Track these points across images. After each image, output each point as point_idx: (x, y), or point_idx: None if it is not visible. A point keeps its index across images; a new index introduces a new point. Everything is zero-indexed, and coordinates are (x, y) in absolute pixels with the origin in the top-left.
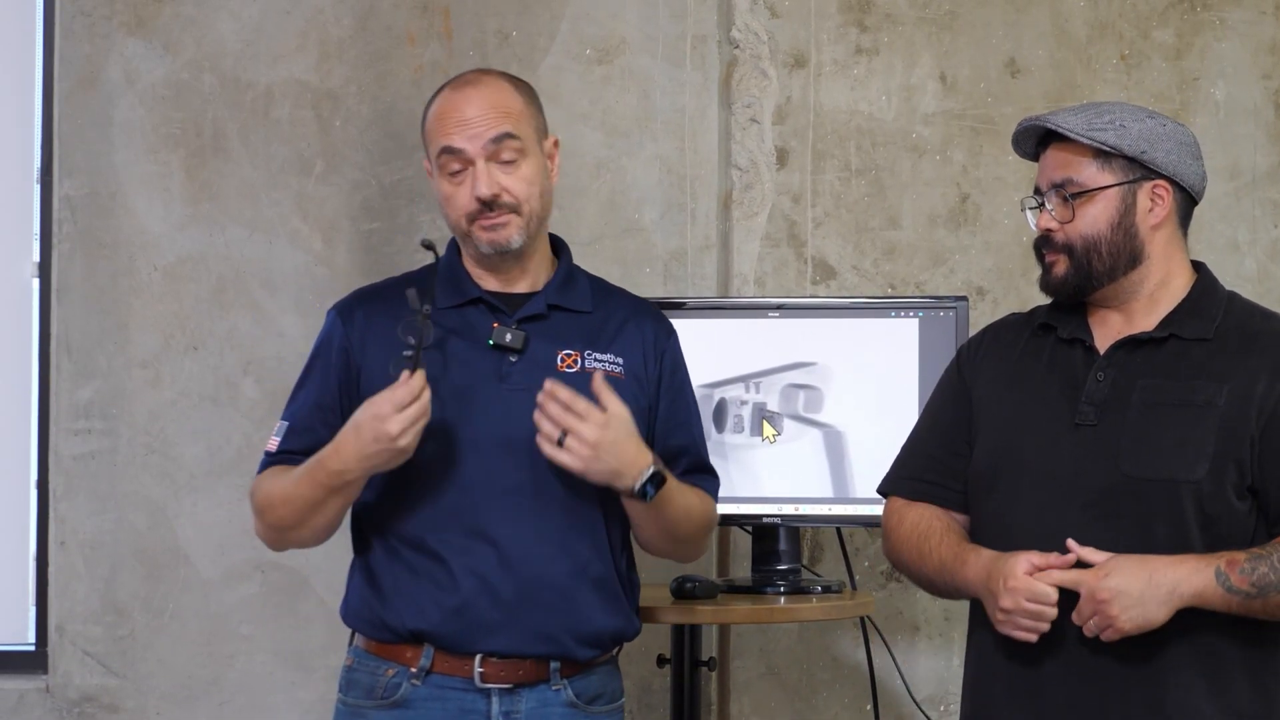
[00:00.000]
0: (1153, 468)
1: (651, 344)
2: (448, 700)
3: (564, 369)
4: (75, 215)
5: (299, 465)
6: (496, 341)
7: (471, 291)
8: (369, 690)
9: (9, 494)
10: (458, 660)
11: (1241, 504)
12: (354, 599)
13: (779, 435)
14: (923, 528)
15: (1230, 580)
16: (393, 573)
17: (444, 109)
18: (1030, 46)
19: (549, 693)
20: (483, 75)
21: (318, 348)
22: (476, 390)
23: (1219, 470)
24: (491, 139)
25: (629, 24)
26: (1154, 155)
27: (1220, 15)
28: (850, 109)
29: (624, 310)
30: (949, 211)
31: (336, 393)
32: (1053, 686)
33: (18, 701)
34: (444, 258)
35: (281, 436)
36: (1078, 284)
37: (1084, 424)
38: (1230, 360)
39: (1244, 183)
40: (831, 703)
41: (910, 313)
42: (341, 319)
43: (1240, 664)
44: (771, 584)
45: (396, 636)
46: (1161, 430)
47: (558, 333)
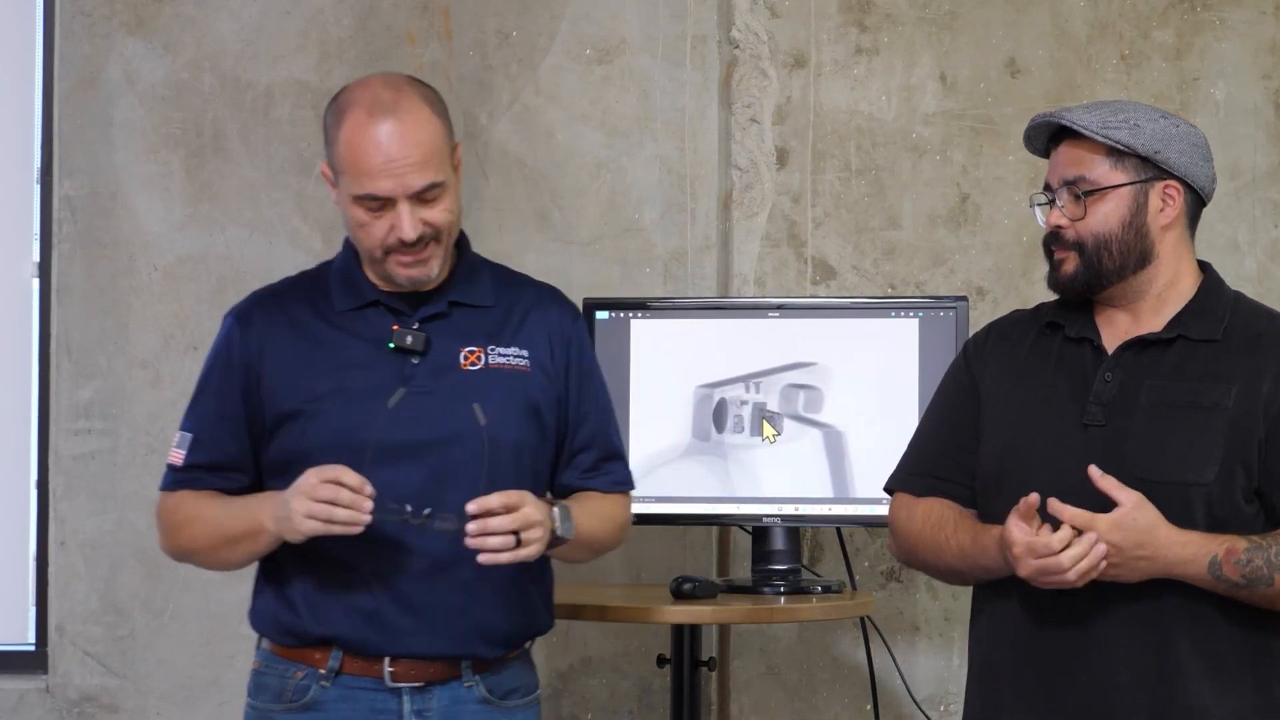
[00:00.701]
0: (1162, 470)
1: (557, 332)
2: (358, 701)
3: (467, 367)
4: (75, 215)
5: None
6: (397, 344)
7: (369, 294)
8: (278, 694)
9: (9, 494)
10: (367, 662)
11: (1249, 507)
12: (261, 603)
13: (779, 435)
14: (934, 518)
15: (1222, 571)
16: (301, 579)
17: (362, 143)
18: (1030, 46)
19: (461, 690)
20: (400, 97)
21: (215, 355)
22: (378, 394)
23: (1228, 473)
24: (419, 190)
25: (629, 24)
26: (1167, 155)
27: (1220, 15)
28: (850, 109)
29: (528, 299)
30: (949, 211)
31: (241, 403)
32: (1061, 681)
33: (18, 701)
34: (340, 255)
35: (187, 449)
36: (1087, 282)
37: (1092, 425)
38: (1237, 361)
39: (1244, 183)
40: (831, 703)
41: (910, 313)
42: (240, 324)
43: (1246, 665)
44: (771, 584)
45: (304, 641)
46: (1170, 432)
47: (460, 330)
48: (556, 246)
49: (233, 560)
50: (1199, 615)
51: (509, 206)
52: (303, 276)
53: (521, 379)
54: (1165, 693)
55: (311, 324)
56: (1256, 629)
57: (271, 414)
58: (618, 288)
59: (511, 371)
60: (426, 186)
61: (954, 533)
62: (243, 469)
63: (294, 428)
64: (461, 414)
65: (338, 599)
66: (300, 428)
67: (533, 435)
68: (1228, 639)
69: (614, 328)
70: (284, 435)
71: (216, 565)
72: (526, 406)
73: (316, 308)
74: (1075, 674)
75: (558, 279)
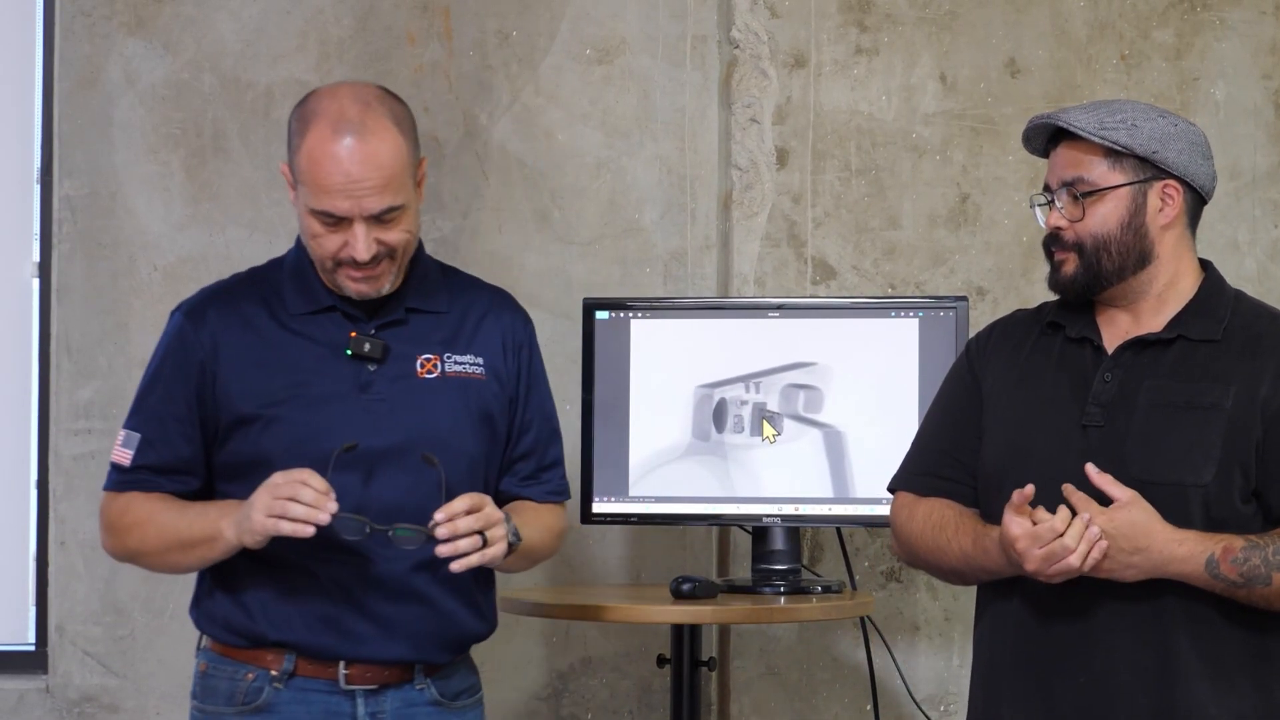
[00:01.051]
0: (1160, 471)
1: (510, 337)
2: (312, 703)
3: (424, 375)
4: (75, 215)
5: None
6: (355, 351)
7: (326, 299)
8: (229, 696)
9: (9, 494)
10: (321, 665)
11: (1246, 508)
12: (208, 603)
13: (779, 435)
14: (935, 519)
15: (1219, 569)
16: (256, 585)
17: (323, 160)
18: (1030, 46)
19: (414, 692)
20: (366, 116)
21: (165, 352)
22: (337, 401)
23: (1225, 474)
24: (377, 212)
25: (629, 24)
26: (1165, 155)
27: (1220, 15)
28: (850, 109)
29: (481, 305)
30: (949, 211)
31: (194, 402)
32: (1062, 684)
33: (18, 701)
34: (292, 253)
35: (135, 449)
36: (1087, 283)
37: (1091, 425)
38: (1235, 362)
39: (1244, 183)
40: (831, 703)
41: (910, 313)
42: (190, 321)
43: (1245, 667)
44: (771, 584)
45: (256, 643)
46: (1168, 433)
47: (416, 336)
48: (556, 246)
49: (182, 565)
50: (1198, 616)
51: (509, 206)
52: (253, 274)
53: (476, 387)
54: (1165, 693)
55: (265, 326)
56: (1256, 630)
57: (227, 416)
58: (618, 287)
59: (467, 380)
60: (385, 210)
61: (955, 534)
62: (194, 471)
63: (249, 432)
64: (419, 423)
65: (294, 604)
66: (257, 432)
67: (485, 444)
68: (1227, 640)
69: (614, 328)
70: (239, 439)
71: (163, 569)
72: (480, 415)
73: (270, 308)
74: (1075, 674)
75: (557, 279)
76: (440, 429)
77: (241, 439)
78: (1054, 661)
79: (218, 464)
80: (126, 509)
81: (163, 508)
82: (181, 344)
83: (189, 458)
